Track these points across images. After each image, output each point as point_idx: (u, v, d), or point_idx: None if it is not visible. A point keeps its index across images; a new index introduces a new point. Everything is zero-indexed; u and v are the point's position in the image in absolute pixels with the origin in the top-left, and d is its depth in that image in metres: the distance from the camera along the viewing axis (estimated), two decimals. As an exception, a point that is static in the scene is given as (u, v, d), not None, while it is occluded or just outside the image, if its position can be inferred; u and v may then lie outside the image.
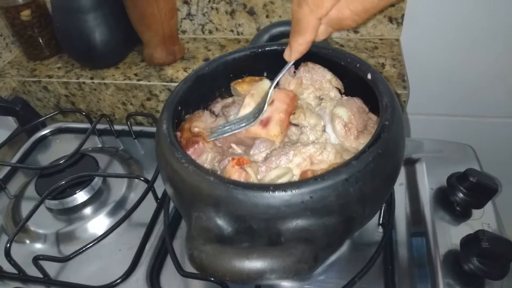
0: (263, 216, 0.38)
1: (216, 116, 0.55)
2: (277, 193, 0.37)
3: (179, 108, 0.51)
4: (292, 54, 0.50)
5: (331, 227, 0.38)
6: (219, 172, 0.48)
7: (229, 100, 0.57)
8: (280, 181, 0.44)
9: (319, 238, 0.37)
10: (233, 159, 0.45)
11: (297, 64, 0.56)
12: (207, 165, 0.49)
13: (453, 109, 0.89)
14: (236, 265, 0.33)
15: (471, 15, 0.75)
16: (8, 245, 0.55)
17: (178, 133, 0.51)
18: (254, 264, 0.33)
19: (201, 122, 0.53)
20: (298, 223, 0.37)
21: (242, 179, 0.44)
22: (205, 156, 0.49)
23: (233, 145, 0.51)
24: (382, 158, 0.40)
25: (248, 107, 0.52)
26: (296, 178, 0.45)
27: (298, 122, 0.50)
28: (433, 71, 0.84)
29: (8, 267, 0.57)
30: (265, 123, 0.49)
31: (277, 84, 0.54)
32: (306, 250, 0.34)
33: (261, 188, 0.38)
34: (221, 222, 0.39)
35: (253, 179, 0.44)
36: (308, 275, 0.35)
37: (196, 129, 0.51)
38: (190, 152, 0.48)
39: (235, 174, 0.43)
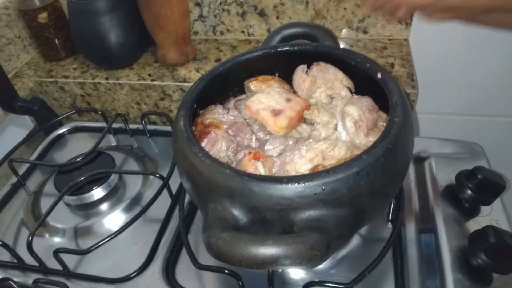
0: (277, 207, 0.39)
1: (229, 110, 0.57)
2: (290, 185, 0.39)
3: (195, 106, 0.53)
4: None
5: (343, 218, 0.39)
6: (234, 164, 0.49)
7: (243, 96, 0.59)
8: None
9: (331, 228, 0.38)
10: (249, 153, 0.46)
11: (309, 64, 0.58)
12: (222, 154, 0.50)
13: (462, 108, 0.89)
14: (252, 251, 0.35)
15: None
16: (30, 238, 0.57)
17: (193, 128, 0.52)
18: (269, 250, 0.34)
19: (213, 114, 0.54)
20: (311, 213, 0.38)
21: (257, 173, 0.45)
22: (219, 144, 0.50)
23: (252, 138, 0.52)
24: (391, 153, 0.42)
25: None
26: None
27: (312, 117, 0.52)
28: (442, 71, 0.84)
29: (29, 260, 0.59)
30: (277, 113, 0.51)
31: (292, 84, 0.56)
32: (319, 238, 0.36)
33: (275, 180, 0.39)
34: (236, 212, 0.40)
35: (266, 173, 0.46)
36: (320, 263, 0.37)
37: (208, 121, 0.53)
38: (204, 142, 0.49)
39: (251, 167, 0.45)
